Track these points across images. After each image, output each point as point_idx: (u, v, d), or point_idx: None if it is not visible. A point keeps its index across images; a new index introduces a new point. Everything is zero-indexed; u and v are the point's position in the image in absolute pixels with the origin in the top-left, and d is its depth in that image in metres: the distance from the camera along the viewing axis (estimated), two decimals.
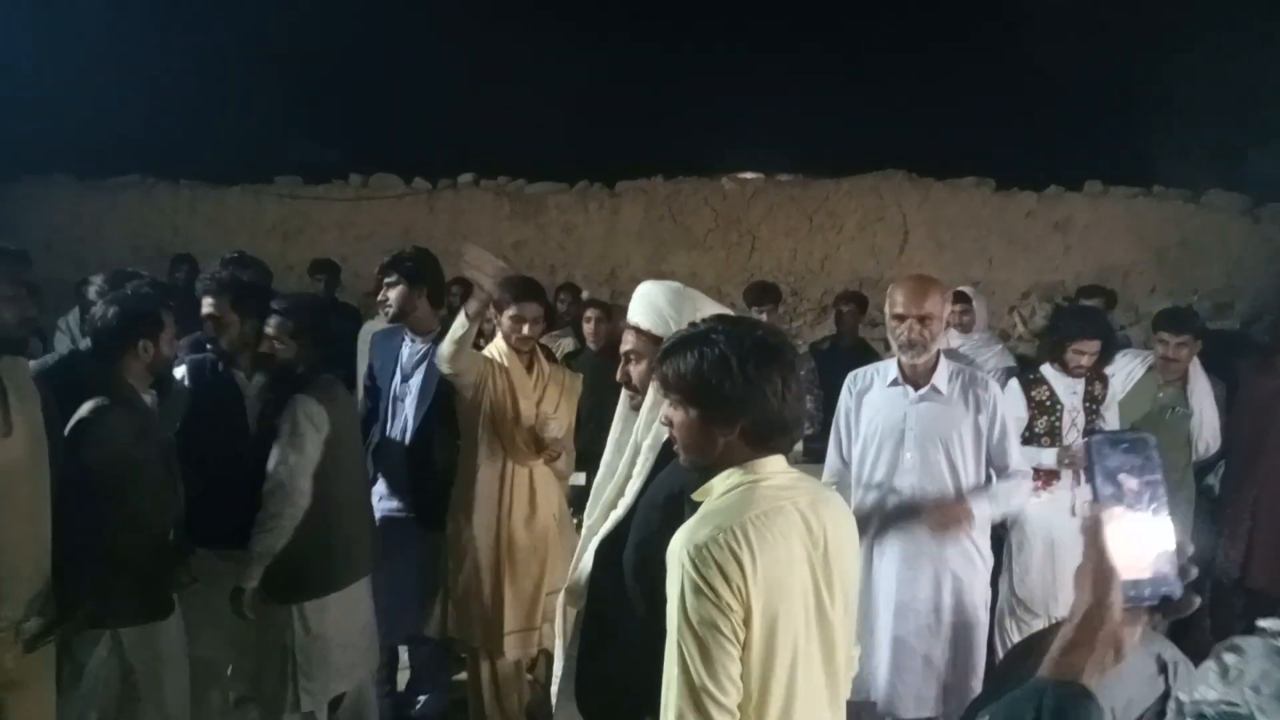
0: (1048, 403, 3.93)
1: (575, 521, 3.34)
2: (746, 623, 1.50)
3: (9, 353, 2.22)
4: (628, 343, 2.17)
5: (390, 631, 3.46)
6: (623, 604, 2.00)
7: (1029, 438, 3.92)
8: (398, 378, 3.47)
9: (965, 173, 8.17)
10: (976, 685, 2.88)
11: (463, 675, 4.06)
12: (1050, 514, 3.80)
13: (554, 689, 2.30)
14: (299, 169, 9.02)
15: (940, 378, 2.90)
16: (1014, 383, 4.02)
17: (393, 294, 3.38)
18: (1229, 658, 1.07)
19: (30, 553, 2.21)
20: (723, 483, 1.64)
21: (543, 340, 3.66)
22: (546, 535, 3.29)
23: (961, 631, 2.84)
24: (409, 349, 3.50)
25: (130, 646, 2.60)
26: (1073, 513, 3.77)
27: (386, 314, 3.49)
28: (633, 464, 2.13)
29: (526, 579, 3.24)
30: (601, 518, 2.17)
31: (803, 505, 1.63)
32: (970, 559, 2.85)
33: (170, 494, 2.73)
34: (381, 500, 3.46)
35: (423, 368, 3.37)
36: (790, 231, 8.40)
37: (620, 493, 2.14)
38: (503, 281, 3.12)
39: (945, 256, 8.18)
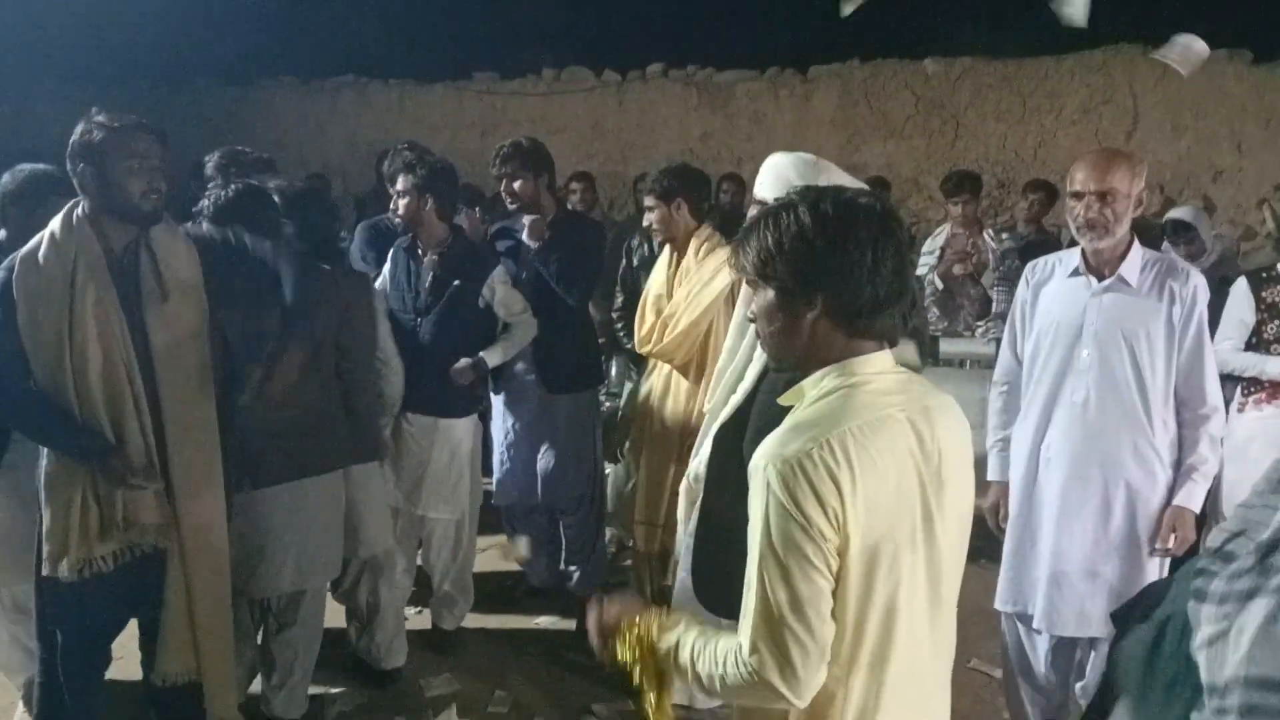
0: None
1: None
2: (843, 552, 1.31)
3: (141, 224, 2.27)
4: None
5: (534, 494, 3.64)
6: (741, 492, 1.94)
7: (1256, 344, 3.45)
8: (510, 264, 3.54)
9: (1215, 44, 7.07)
10: None
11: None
12: (1275, 429, 3.37)
13: (678, 574, 2.31)
14: (496, 65, 9.22)
15: (1130, 267, 2.54)
16: (1242, 282, 3.51)
17: (517, 185, 3.42)
18: None
19: (196, 413, 2.35)
20: (815, 386, 1.42)
21: None
22: None
23: (1135, 546, 2.57)
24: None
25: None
26: None
27: (511, 204, 3.51)
28: (753, 347, 2.04)
29: None
30: (722, 403, 2.11)
31: (913, 413, 1.39)
32: (1149, 468, 2.54)
33: None
34: (520, 364, 3.59)
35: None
36: (1001, 116, 7.71)
37: (740, 377, 2.06)
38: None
39: (1184, 141, 7.26)
